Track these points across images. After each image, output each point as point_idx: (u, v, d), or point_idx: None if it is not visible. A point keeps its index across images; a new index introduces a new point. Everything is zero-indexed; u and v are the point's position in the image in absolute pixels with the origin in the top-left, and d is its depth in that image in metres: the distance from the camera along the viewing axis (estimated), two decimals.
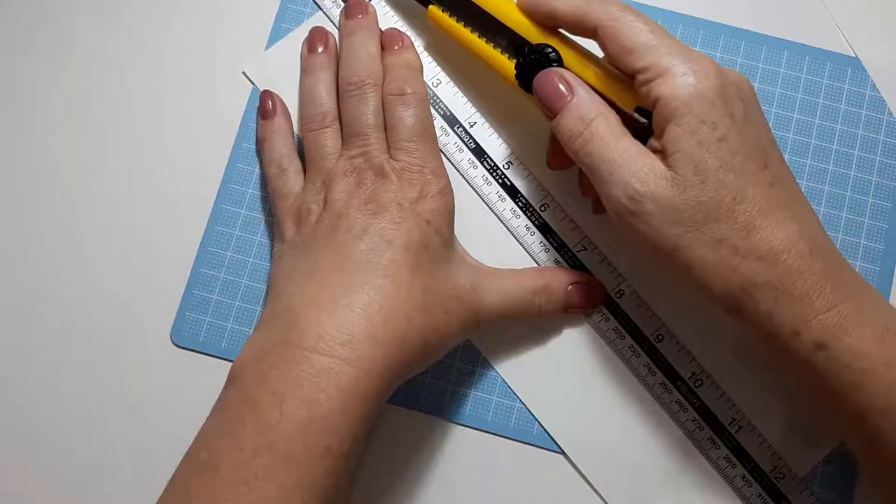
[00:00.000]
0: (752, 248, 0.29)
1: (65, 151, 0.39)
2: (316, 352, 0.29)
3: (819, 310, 0.29)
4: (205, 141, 0.39)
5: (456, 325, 0.32)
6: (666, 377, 0.36)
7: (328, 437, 0.28)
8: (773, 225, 0.29)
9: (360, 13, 0.38)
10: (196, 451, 0.29)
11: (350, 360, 0.29)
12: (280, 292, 0.32)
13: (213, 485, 0.27)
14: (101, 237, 0.39)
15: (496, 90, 0.38)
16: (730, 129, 0.29)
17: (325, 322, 0.30)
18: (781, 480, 0.35)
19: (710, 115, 0.29)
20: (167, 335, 0.38)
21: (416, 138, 0.34)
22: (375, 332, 0.30)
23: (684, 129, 0.29)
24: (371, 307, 0.30)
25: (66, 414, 0.37)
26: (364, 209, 0.33)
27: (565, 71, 0.33)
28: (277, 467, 0.28)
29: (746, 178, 0.29)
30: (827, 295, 0.29)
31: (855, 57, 0.39)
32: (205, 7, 0.41)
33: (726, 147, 0.29)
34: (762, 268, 0.29)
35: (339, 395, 0.29)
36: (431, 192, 0.33)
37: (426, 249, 0.32)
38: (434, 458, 0.37)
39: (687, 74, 0.30)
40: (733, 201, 0.29)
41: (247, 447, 0.28)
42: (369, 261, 0.31)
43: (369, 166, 0.34)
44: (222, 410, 0.30)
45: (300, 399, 0.28)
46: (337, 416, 0.28)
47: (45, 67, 0.40)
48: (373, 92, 0.35)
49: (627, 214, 0.30)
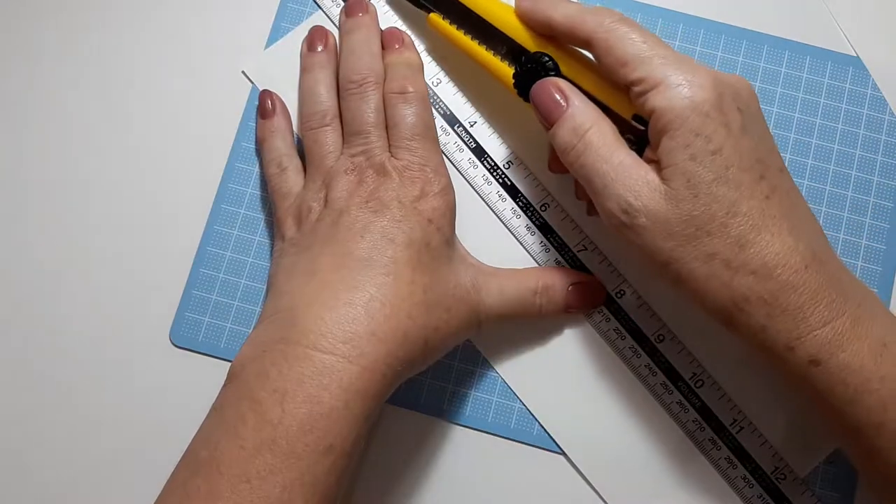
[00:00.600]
0: (745, 262, 0.29)
1: (64, 151, 0.39)
2: (317, 349, 0.29)
3: (813, 325, 0.29)
4: (204, 140, 0.39)
5: (457, 323, 0.32)
6: (667, 377, 0.36)
7: (330, 436, 0.28)
8: (767, 239, 0.29)
9: (360, 11, 0.38)
10: (196, 449, 0.29)
11: (352, 358, 0.29)
12: (280, 290, 0.32)
13: (214, 483, 0.27)
14: (100, 237, 0.38)
15: (496, 90, 0.38)
16: (725, 140, 0.29)
17: (327, 319, 0.30)
18: (783, 481, 0.35)
19: (705, 128, 0.29)
20: (166, 335, 0.37)
21: (417, 136, 0.34)
22: (377, 329, 0.30)
23: (678, 142, 0.29)
24: (373, 304, 0.30)
25: (65, 414, 0.37)
26: (365, 207, 0.33)
27: (561, 80, 0.32)
28: (279, 465, 0.27)
29: (741, 192, 0.29)
30: (822, 310, 0.29)
31: (856, 56, 0.39)
32: (204, 6, 0.41)
33: (720, 160, 0.29)
34: (755, 282, 0.29)
35: (341, 393, 0.29)
36: (433, 190, 0.33)
37: (427, 248, 0.32)
38: (434, 459, 0.36)
39: (682, 86, 0.29)
40: (726, 215, 0.29)
41: (248, 445, 0.28)
42: (371, 258, 0.31)
43: (370, 164, 0.34)
44: (222, 408, 0.30)
45: (302, 397, 0.28)
46: (339, 414, 0.28)
47: (44, 67, 0.40)
48: (374, 90, 0.35)
49: (622, 227, 0.30)
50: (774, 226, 0.29)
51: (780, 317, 0.29)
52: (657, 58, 0.30)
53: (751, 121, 0.30)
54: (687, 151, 0.29)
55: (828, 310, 0.29)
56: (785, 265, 0.29)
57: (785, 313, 0.29)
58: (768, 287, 0.29)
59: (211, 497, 0.27)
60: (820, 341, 0.28)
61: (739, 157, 0.29)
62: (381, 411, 0.37)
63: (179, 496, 0.28)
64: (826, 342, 0.28)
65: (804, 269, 0.29)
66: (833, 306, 0.29)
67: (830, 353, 0.28)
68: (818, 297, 0.29)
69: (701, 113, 0.29)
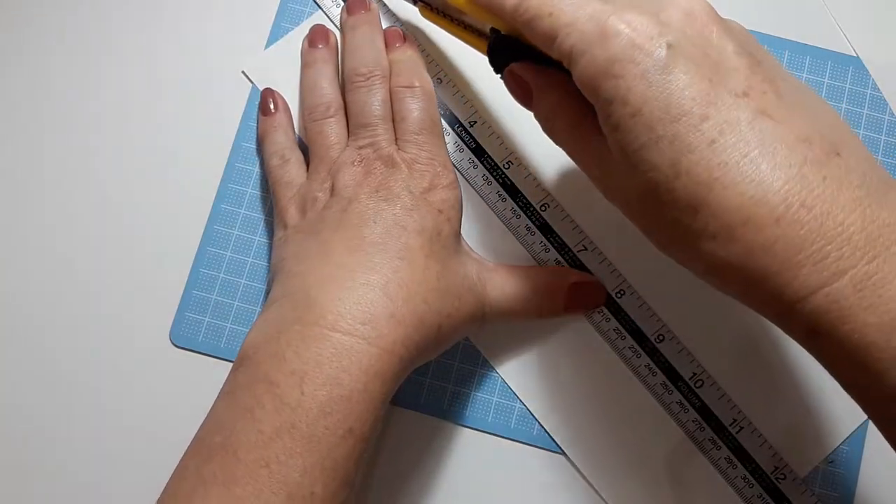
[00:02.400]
0: (703, 228, 0.24)
1: (63, 150, 0.39)
2: (336, 330, 0.29)
3: (800, 292, 0.23)
4: (204, 140, 0.39)
5: (466, 312, 0.32)
6: (667, 377, 0.36)
7: (350, 419, 0.28)
8: (720, 188, 0.24)
9: (361, 9, 0.38)
10: (208, 435, 0.28)
11: (371, 340, 0.29)
12: (290, 272, 0.32)
13: (231, 469, 0.27)
14: (100, 237, 0.38)
15: (496, 90, 0.38)
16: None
17: (345, 300, 0.29)
18: (783, 481, 0.35)
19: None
20: (166, 335, 0.37)
21: (425, 131, 0.34)
22: (396, 311, 0.29)
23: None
24: (390, 287, 0.30)
25: (65, 414, 0.37)
26: (375, 196, 0.32)
27: (517, 67, 0.31)
28: (299, 450, 0.27)
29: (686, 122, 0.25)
30: (808, 272, 0.23)
31: (856, 56, 0.39)
32: (204, 6, 0.41)
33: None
34: (717, 248, 0.24)
35: (361, 375, 0.28)
36: (442, 183, 0.33)
37: (439, 237, 0.32)
38: (434, 459, 0.36)
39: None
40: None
41: (266, 429, 0.27)
42: (385, 243, 0.31)
43: (378, 156, 0.33)
44: (234, 393, 0.29)
45: (321, 379, 0.28)
46: (359, 397, 0.28)
47: (43, 66, 0.40)
48: (381, 83, 0.35)
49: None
50: (737, 153, 0.24)
51: (758, 285, 0.24)
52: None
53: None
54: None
55: (817, 270, 0.23)
56: (747, 221, 0.23)
57: (764, 280, 0.24)
58: (735, 252, 0.24)
59: (228, 483, 0.26)
60: (812, 309, 0.23)
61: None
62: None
63: (192, 483, 0.27)
64: (822, 311, 0.23)
65: (774, 223, 0.23)
66: (826, 264, 0.23)
67: (831, 324, 0.23)
68: (801, 253, 0.23)
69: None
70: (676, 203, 0.25)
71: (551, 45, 0.27)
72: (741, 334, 0.36)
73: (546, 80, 0.30)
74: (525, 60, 0.30)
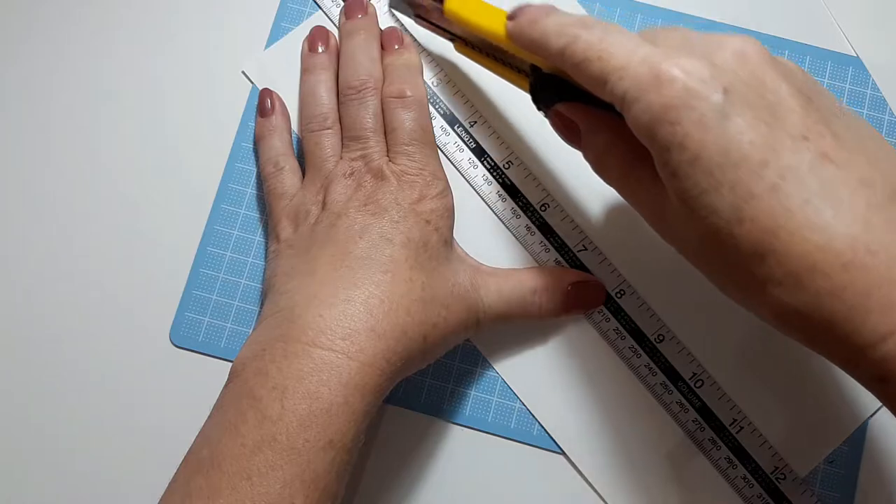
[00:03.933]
0: (769, 275, 0.24)
1: (62, 150, 0.39)
2: (316, 346, 0.29)
3: (868, 339, 0.23)
4: (204, 140, 0.39)
5: (455, 321, 0.32)
6: (667, 377, 0.36)
7: (330, 431, 0.28)
8: (786, 234, 0.24)
9: (359, 13, 0.38)
10: (197, 448, 0.29)
11: (351, 354, 0.29)
12: (279, 291, 0.32)
13: (215, 481, 0.27)
14: (100, 237, 0.38)
15: (496, 90, 0.38)
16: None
17: (326, 316, 0.30)
18: (783, 481, 0.35)
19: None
20: (166, 335, 0.37)
21: (415, 142, 0.34)
22: (376, 325, 0.30)
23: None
24: (371, 301, 0.30)
25: (64, 414, 0.37)
26: (363, 210, 0.33)
27: (563, 108, 0.31)
28: (279, 462, 0.27)
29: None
30: (876, 318, 0.23)
31: (856, 56, 0.39)
32: (204, 6, 0.41)
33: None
34: (785, 294, 0.24)
35: (341, 389, 0.29)
36: (431, 193, 0.34)
37: (425, 247, 0.32)
38: (434, 459, 0.36)
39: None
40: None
41: (248, 442, 0.28)
42: (369, 257, 0.31)
43: (368, 169, 0.34)
44: (223, 408, 0.30)
45: (301, 393, 0.28)
46: (338, 410, 0.28)
47: (42, 66, 0.40)
48: (373, 96, 0.35)
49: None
50: (798, 199, 0.24)
51: (826, 332, 0.24)
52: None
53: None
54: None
55: (886, 315, 0.23)
56: (814, 268, 0.23)
57: (832, 327, 0.23)
58: (802, 299, 0.24)
59: (212, 495, 0.27)
60: (882, 356, 0.23)
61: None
62: (382, 411, 0.37)
63: (181, 495, 0.28)
64: (892, 357, 0.23)
65: (841, 268, 0.23)
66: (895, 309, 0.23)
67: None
68: (869, 299, 0.23)
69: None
70: (739, 249, 0.24)
71: (602, 88, 0.27)
72: (741, 334, 0.36)
73: (596, 121, 0.30)
74: (570, 99, 0.30)
